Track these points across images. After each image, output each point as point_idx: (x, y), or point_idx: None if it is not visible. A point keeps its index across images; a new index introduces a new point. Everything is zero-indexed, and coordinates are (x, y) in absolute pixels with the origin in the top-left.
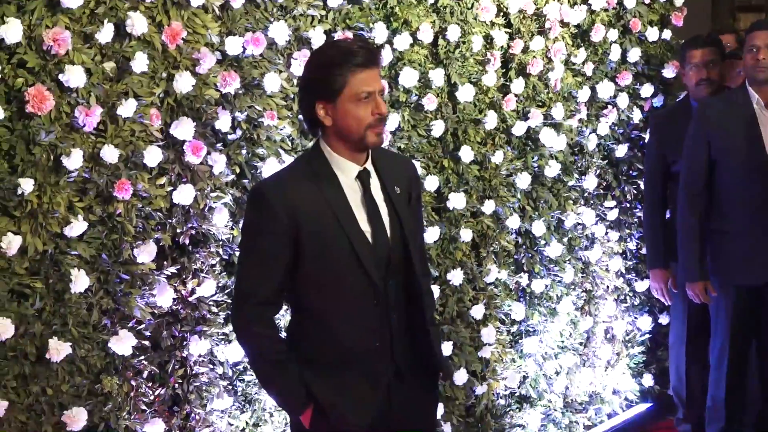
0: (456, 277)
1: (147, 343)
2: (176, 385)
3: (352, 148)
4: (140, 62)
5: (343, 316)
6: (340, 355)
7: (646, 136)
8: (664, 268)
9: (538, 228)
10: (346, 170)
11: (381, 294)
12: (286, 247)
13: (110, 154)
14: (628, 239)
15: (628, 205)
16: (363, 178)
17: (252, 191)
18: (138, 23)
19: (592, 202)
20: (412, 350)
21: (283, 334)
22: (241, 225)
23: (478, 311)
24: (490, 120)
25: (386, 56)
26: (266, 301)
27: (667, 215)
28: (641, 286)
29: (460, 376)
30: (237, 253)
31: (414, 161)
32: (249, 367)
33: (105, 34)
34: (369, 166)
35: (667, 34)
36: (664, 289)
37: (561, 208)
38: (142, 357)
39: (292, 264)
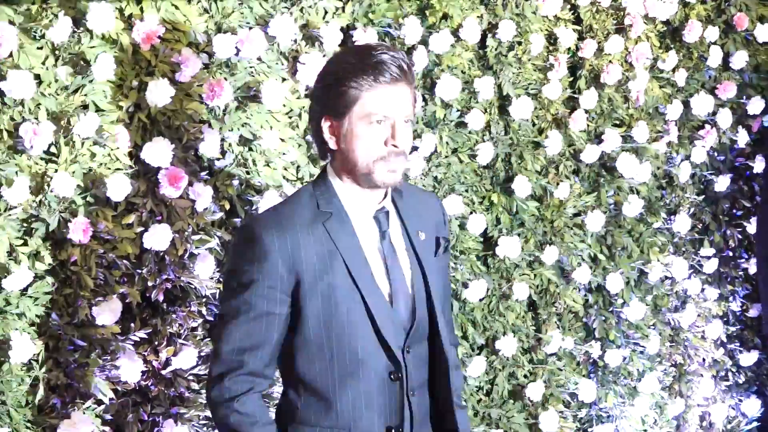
0: (508, 345)
1: (108, 429)
2: None
3: (360, 182)
4: (104, 67)
5: (351, 393)
6: None
7: (756, 164)
8: None
9: (614, 283)
10: (359, 208)
11: (400, 367)
12: (282, 304)
13: (64, 184)
14: (731, 298)
15: (731, 253)
16: (380, 219)
17: (243, 229)
18: (101, 17)
19: (684, 249)
20: None
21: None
22: (224, 271)
23: (536, 390)
24: (553, 143)
25: (420, 60)
26: (255, 372)
27: None
28: (748, 359)
29: None
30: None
31: (454, 195)
32: None
33: (60, 30)
34: (388, 204)
35: None
36: None
37: (644, 257)
38: None
39: (288, 325)
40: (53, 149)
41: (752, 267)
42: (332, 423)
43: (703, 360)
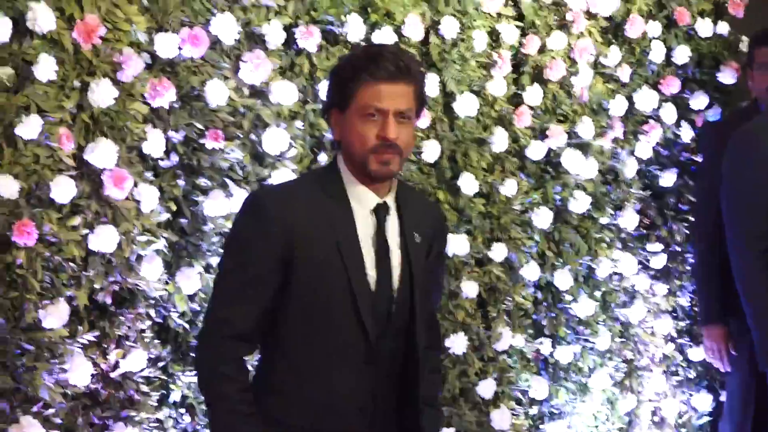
0: (458, 343)
1: None
2: None
3: (359, 172)
4: (46, 67)
5: (326, 370)
6: (313, 416)
7: (699, 157)
8: (722, 324)
9: (563, 279)
10: (361, 199)
11: (374, 352)
12: (274, 273)
13: (7, 186)
14: (679, 293)
15: (678, 248)
16: (379, 213)
17: (248, 198)
18: (42, 17)
19: (631, 245)
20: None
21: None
22: (227, 235)
23: (486, 388)
24: (498, 140)
25: None
26: (242, 335)
27: None
28: (697, 354)
29: None
30: (173, 314)
31: None
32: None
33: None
34: (390, 201)
35: (723, 27)
36: (724, 350)
37: (591, 253)
38: None
39: (278, 294)
40: None
41: None
42: (304, 396)
43: (653, 355)
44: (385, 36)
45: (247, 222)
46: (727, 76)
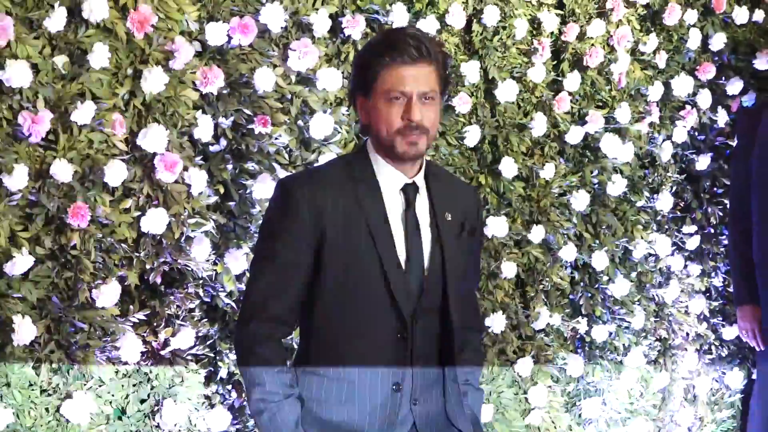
0: (497, 322)
1: (109, 408)
2: None
3: (387, 154)
4: (100, 55)
5: (358, 348)
6: (349, 394)
7: (734, 142)
8: (756, 305)
9: (600, 260)
10: (390, 179)
11: (408, 330)
12: (306, 255)
13: (62, 170)
14: (713, 274)
15: (713, 230)
16: (408, 192)
17: (277, 185)
18: (96, 7)
19: (666, 227)
20: (437, 411)
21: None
22: (260, 223)
23: (524, 366)
24: (538, 125)
25: None
26: (277, 318)
27: None
28: (730, 332)
29: None
30: (221, 294)
31: None
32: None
33: (56, 20)
34: (420, 181)
35: (759, 15)
36: (758, 329)
37: (628, 235)
38: (103, 426)
39: (311, 277)
40: (51, 136)
41: None
42: (338, 374)
43: (687, 334)
44: (428, 24)
45: (277, 208)
46: (762, 63)
